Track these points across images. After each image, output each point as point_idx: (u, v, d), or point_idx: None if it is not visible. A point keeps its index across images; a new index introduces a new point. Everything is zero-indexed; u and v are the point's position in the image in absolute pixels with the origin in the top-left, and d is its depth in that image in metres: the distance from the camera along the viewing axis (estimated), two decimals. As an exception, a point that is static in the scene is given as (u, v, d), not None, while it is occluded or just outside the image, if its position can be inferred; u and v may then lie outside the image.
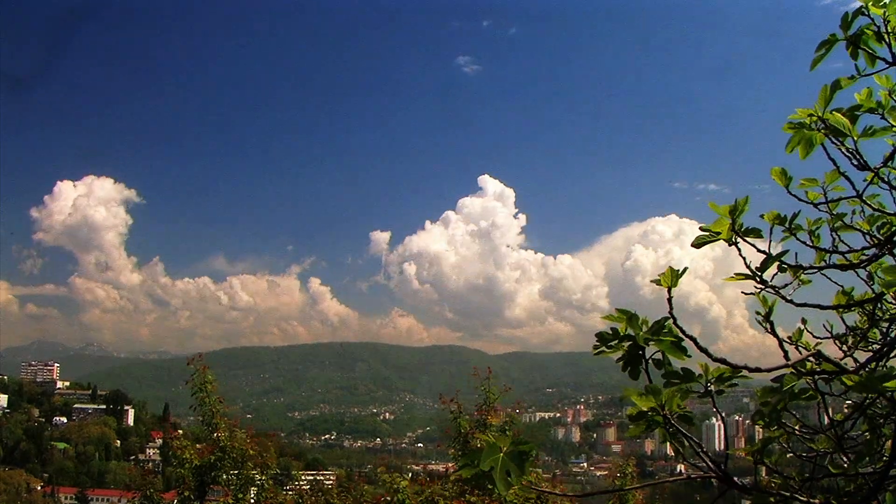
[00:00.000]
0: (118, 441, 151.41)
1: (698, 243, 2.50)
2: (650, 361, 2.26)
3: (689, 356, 2.19)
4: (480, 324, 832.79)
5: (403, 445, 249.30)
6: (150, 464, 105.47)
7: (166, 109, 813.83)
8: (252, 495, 14.49)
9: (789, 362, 2.29)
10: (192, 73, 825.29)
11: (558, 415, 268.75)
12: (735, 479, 2.22)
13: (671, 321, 2.20)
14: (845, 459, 2.78)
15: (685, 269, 2.27)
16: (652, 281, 2.33)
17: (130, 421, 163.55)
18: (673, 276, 2.29)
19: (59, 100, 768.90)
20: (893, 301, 2.84)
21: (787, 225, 2.69)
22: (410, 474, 14.22)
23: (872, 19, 2.31)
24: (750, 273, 2.55)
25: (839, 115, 2.34)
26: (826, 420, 2.86)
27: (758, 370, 2.22)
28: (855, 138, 2.39)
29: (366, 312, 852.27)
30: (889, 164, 2.44)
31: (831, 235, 2.78)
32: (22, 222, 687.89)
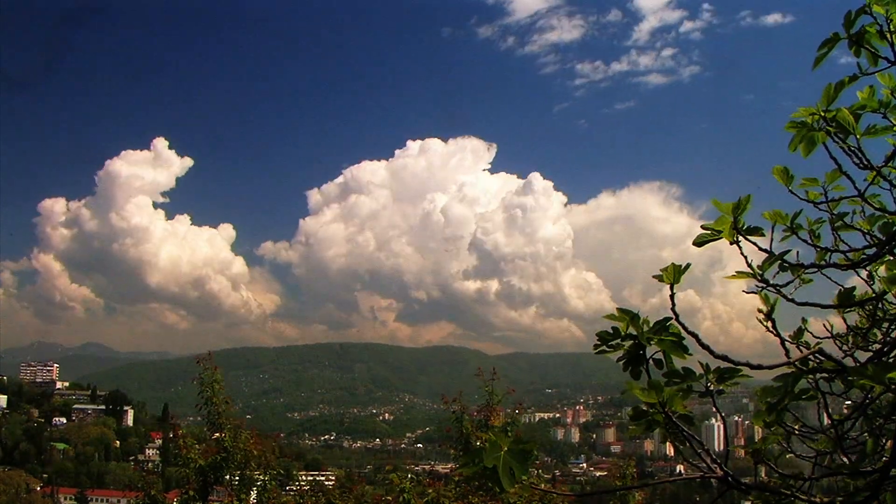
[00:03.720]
0: (117, 442, 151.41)
1: (699, 242, 2.51)
2: (651, 361, 2.26)
3: (691, 354, 2.19)
4: (480, 324, 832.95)
5: (403, 446, 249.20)
6: (150, 464, 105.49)
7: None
8: (254, 496, 14.49)
9: (791, 360, 2.28)
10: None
11: (558, 415, 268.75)
12: (735, 479, 2.22)
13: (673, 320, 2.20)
14: (845, 459, 2.78)
15: (688, 265, 2.27)
16: (654, 277, 2.33)
17: (130, 421, 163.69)
18: (675, 273, 2.29)
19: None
20: (894, 301, 2.84)
21: (788, 224, 2.69)
22: (409, 475, 14.18)
23: (875, 18, 2.31)
24: (751, 272, 2.55)
25: (846, 111, 2.35)
26: (826, 420, 2.86)
27: (759, 367, 2.22)
28: (858, 136, 2.39)
29: (366, 312, 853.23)
30: (891, 163, 2.44)
31: (832, 235, 2.78)
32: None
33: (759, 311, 2.71)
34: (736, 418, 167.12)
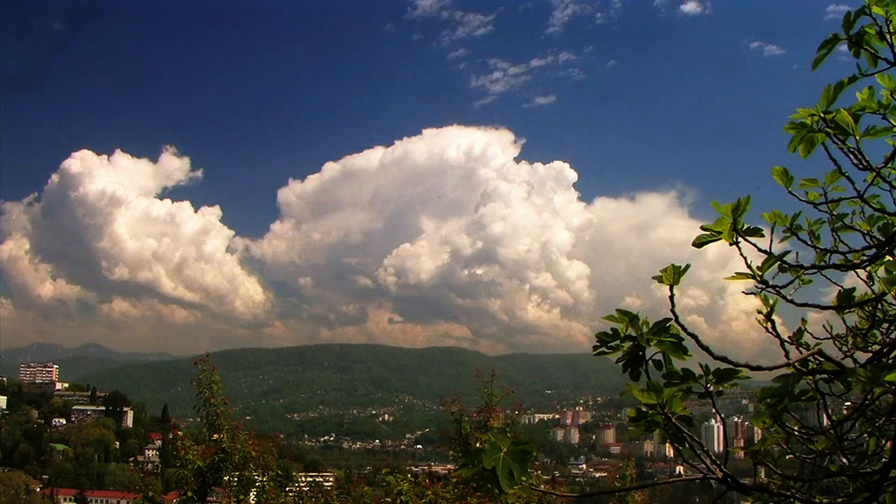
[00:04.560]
0: (117, 443, 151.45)
1: (699, 243, 2.50)
2: (650, 362, 2.26)
3: (690, 355, 2.19)
4: (479, 325, 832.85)
5: (402, 447, 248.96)
6: (150, 465, 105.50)
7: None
8: (253, 497, 14.48)
9: (790, 361, 2.28)
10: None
11: (557, 416, 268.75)
12: (735, 480, 2.22)
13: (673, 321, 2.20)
14: (845, 460, 2.78)
15: (687, 265, 2.27)
16: (654, 278, 2.33)
17: (129, 422, 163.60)
18: (675, 274, 2.28)
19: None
20: (894, 302, 2.84)
21: (788, 225, 2.69)
22: (410, 475, 14.17)
23: (874, 19, 2.31)
24: (751, 272, 2.55)
25: (846, 112, 2.35)
26: (826, 421, 2.86)
27: (759, 368, 2.22)
28: (857, 137, 2.39)
29: (365, 312, 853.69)
30: (890, 164, 2.44)
31: (832, 236, 2.78)
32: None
33: (759, 311, 2.71)
34: (735, 419, 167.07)
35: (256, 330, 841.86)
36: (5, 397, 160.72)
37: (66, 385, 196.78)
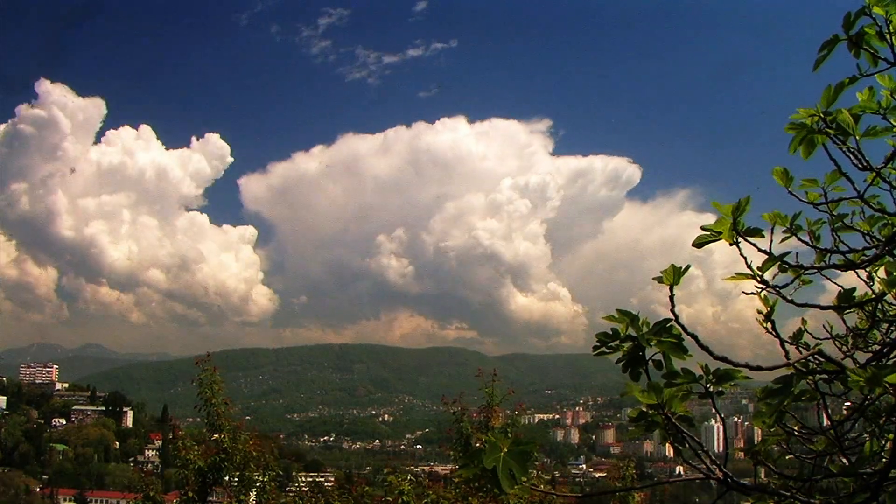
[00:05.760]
0: (117, 443, 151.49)
1: (699, 243, 2.51)
2: (650, 362, 2.26)
3: (690, 355, 2.19)
4: (479, 324, 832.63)
5: (402, 447, 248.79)
6: (150, 465, 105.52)
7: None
8: (253, 497, 14.48)
9: (790, 361, 2.28)
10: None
11: (557, 416, 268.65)
12: (735, 480, 2.22)
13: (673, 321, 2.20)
14: (845, 461, 2.78)
15: (688, 266, 2.27)
16: (654, 279, 2.33)
17: (129, 423, 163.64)
18: (675, 274, 2.28)
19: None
20: (894, 302, 2.84)
21: (788, 225, 2.69)
22: (409, 476, 14.17)
23: (874, 19, 2.31)
24: (751, 273, 2.56)
25: (847, 113, 2.35)
26: (826, 421, 2.86)
27: (759, 368, 2.22)
28: (857, 138, 2.39)
29: (365, 312, 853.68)
30: (890, 164, 2.44)
31: (832, 236, 2.78)
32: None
33: (759, 312, 2.71)
34: (735, 419, 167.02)
35: (256, 330, 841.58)
36: (5, 397, 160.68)
37: (66, 385, 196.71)
